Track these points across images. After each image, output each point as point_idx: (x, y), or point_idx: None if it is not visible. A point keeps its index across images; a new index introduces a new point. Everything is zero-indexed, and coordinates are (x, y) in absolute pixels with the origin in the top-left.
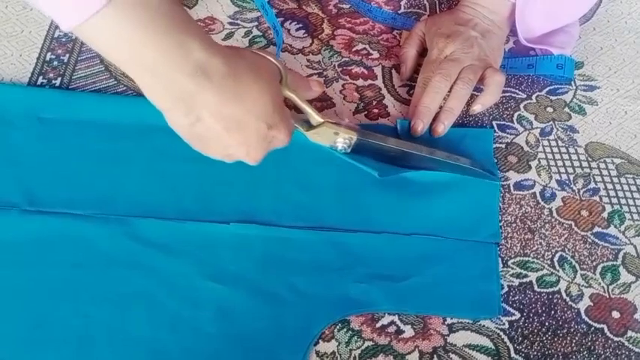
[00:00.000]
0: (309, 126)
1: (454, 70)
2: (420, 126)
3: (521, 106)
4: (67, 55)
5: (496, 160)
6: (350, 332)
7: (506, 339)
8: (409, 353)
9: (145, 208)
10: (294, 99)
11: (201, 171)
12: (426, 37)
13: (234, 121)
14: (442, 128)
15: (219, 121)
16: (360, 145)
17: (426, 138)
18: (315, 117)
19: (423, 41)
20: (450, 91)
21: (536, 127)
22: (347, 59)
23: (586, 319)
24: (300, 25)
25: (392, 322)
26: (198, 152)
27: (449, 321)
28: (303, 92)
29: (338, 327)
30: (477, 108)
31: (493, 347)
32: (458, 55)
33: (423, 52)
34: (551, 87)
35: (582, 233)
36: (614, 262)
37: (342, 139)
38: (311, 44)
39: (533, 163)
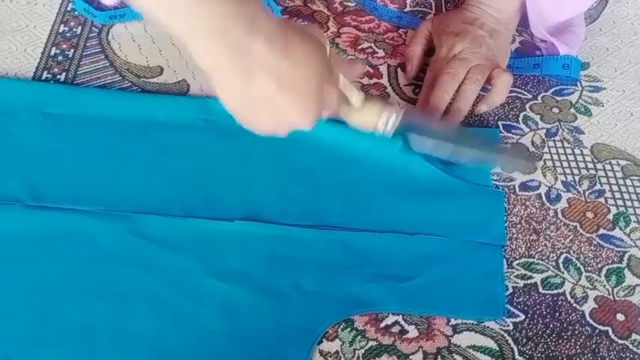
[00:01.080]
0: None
1: (462, 69)
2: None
3: (527, 106)
4: (72, 50)
5: None
6: (354, 332)
7: (510, 340)
8: (413, 353)
9: (149, 205)
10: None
11: (205, 168)
12: (433, 36)
13: (287, 77)
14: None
15: (272, 77)
16: (403, 126)
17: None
18: (357, 96)
19: (429, 40)
20: (457, 91)
21: (542, 128)
22: (352, 57)
23: (590, 321)
24: (306, 23)
25: (396, 322)
26: (202, 149)
27: (453, 322)
28: (345, 72)
29: (342, 326)
30: (483, 108)
31: (497, 349)
32: (466, 54)
33: (429, 51)
34: (557, 87)
35: (587, 235)
36: (619, 265)
37: (386, 118)
38: None
39: (539, 164)
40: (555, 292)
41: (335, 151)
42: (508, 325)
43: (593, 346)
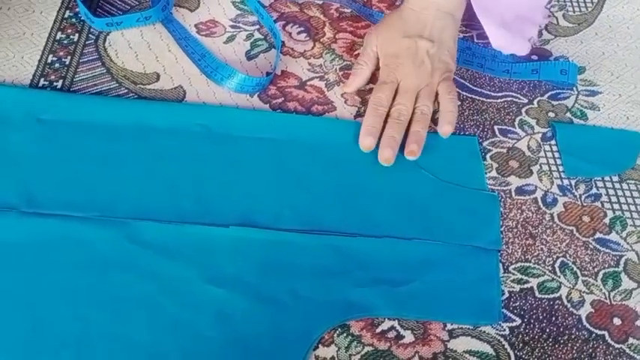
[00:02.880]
0: None
1: (408, 104)
2: (390, 154)
3: (523, 110)
4: (69, 58)
5: (497, 165)
6: (350, 337)
7: (506, 345)
8: (409, 359)
9: (145, 211)
10: None
11: (201, 174)
12: (379, 55)
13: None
14: (417, 148)
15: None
16: None
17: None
18: None
19: (377, 59)
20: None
21: (538, 132)
22: (348, 63)
23: (587, 325)
24: (302, 29)
25: (392, 328)
26: (197, 154)
27: (449, 327)
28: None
29: (338, 332)
30: (448, 128)
31: (494, 353)
32: (409, 82)
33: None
34: (553, 92)
35: (584, 239)
36: (616, 269)
37: None
38: (312, 47)
39: (535, 168)
40: (552, 296)
41: (330, 157)
42: (504, 330)
43: (590, 350)
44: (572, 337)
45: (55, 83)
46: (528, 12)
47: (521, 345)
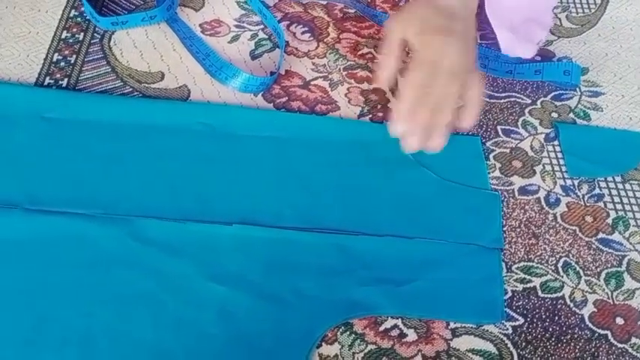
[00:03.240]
0: None
1: (455, 89)
2: (439, 143)
3: (526, 111)
4: (74, 56)
5: (500, 165)
6: (353, 335)
7: (509, 344)
8: (412, 357)
9: (148, 209)
10: None
11: (204, 172)
12: (411, 37)
13: None
14: (442, 143)
15: None
16: None
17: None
18: None
19: (404, 45)
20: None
21: (541, 133)
22: (352, 63)
23: (590, 325)
24: (306, 29)
25: (395, 326)
26: (201, 153)
27: (452, 325)
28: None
29: (341, 330)
30: (471, 123)
31: (496, 352)
32: (455, 63)
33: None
34: (556, 92)
35: (586, 239)
36: (619, 269)
37: None
38: (316, 47)
39: (538, 168)
40: (554, 295)
41: (334, 156)
42: (507, 329)
43: (593, 349)
44: (575, 336)
45: (60, 82)
46: (538, 15)
47: (524, 344)
